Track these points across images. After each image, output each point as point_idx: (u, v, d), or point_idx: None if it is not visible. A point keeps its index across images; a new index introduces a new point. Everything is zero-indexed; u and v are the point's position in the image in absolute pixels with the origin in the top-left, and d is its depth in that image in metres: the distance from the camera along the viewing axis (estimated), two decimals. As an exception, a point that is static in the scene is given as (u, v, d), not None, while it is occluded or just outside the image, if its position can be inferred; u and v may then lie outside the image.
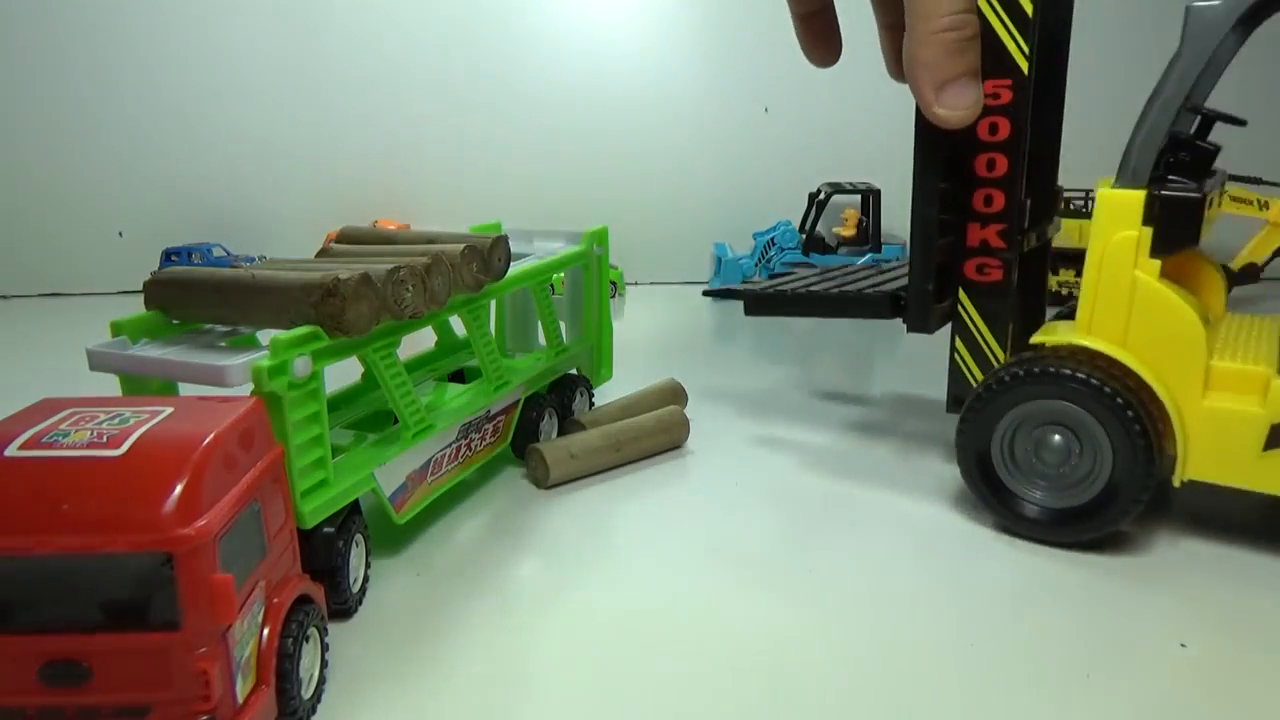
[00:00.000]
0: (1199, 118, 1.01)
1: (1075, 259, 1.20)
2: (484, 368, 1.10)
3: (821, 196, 2.36)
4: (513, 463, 1.21)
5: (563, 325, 1.31)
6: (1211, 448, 0.95)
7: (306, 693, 0.70)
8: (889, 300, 1.20)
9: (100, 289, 2.45)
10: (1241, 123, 1.06)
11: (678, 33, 2.43)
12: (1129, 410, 0.93)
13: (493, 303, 1.19)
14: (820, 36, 0.54)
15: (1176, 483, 0.97)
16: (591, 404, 1.36)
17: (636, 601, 0.89)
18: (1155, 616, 0.86)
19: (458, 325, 1.24)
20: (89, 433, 0.60)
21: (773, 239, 2.38)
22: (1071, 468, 0.98)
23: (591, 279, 1.33)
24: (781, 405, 1.49)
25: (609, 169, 2.49)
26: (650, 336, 1.91)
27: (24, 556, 0.55)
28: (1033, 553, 0.98)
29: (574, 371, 1.33)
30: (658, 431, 1.24)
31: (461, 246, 1.01)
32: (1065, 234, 2.05)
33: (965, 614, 0.86)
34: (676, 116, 2.47)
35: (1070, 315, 1.10)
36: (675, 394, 1.39)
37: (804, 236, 2.37)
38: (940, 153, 1.06)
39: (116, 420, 0.62)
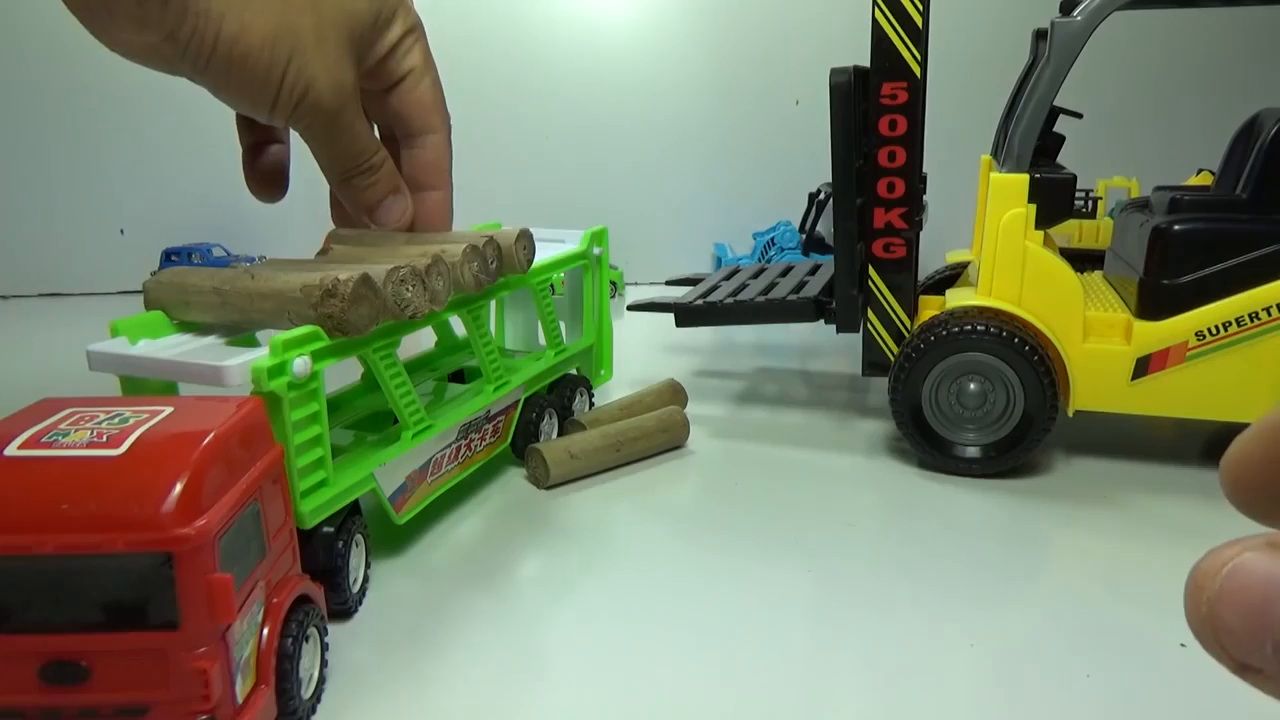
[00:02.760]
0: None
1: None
2: (484, 368, 1.10)
3: (821, 196, 2.35)
4: (513, 463, 1.21)
5: (563, 325, 1.31)
6: (1093, 382, 1.15)
7: (306, 693, 0.70)
8: (813, 306, 1.31)
9: (100, 289, 2.45)
10: (1079, 115, 1.25)
11: (678, 32, 2.43)
12: (1035, 355, 1.11)
13: (493, 303, 1.19)
14: (267, 173, 0.53)
15: (1070, 413, 1.16)
16: (591, 404, 1.36)
17: (636, 601, 0.89)
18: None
19: (458, 325, 1.24)
20: (89, 432, 0.60)
21: (773, 239, 2.37)
22: (988, 409, 1.16)
23: (591, 279, 1.33)
24: (782, 404, 1.49)
25: (609, 169, 2.48)
26: (650, 336, 1.91)
27: (24, 556, 0.55)
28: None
29: (574, 372, 1.33)
30: (658, 431, 1.24)
31: (462, 246, 1.01)
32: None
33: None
34: (677, 116, 2.47)
35: (938, 286, 1.35)
36: (675, 394, 1.39)
37: (804, 236, 2.37)
38: (853, 174, 1.19)
39: (116, 420, 0.62)
